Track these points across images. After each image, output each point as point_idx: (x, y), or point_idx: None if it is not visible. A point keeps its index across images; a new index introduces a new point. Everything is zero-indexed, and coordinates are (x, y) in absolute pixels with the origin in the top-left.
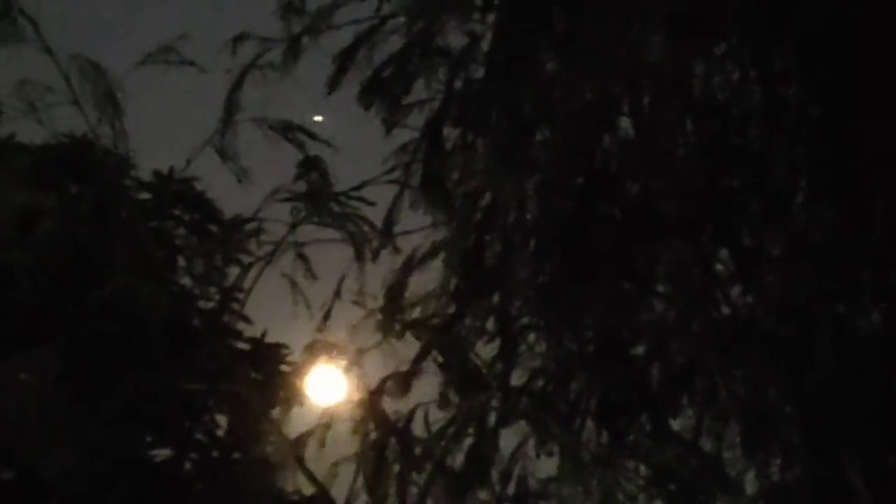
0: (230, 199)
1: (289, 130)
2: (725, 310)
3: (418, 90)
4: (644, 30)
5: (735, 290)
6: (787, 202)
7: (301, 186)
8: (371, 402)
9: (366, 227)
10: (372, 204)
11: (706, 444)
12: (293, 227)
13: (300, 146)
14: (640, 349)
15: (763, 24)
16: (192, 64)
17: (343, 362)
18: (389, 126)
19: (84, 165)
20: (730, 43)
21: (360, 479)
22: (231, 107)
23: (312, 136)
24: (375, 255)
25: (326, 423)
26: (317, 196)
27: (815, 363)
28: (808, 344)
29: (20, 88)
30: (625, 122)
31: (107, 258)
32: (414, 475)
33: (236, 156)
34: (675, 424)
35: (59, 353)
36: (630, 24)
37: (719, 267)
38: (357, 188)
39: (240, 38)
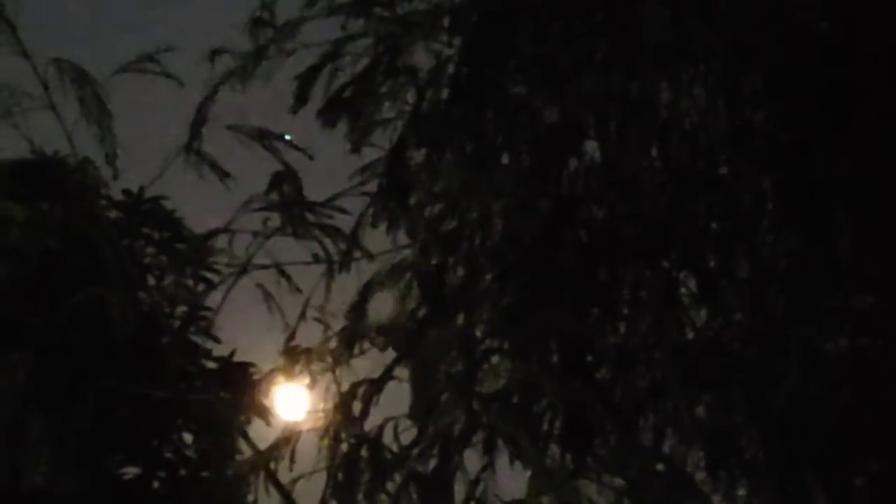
0: (202, 213)
1: (265, 138)
2: (690, 333)
3: (384, 109)
4: (610, 55)
5: (700, 314)
6: (753, 226)
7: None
8: (342, 411)
9: (339, 240)
10: (346, 213)
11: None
12: (266, 238)
13: (276, 154)
14: (604, 372)
15: (730, 49)
16: (170, 76)
17: (307, 380)
18: (354, 145)
19: (53, 182)
20: (696, 68)
21: (329, 492)
22: (201, 117)
23: (290, 143)
24: (343, 268)
25: (295, 435)
26: (291, 206)
27: (780, 386)
28: (773, 367)
29: None
30: (591, 146)
31: (76, 270)
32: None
33: (214, 159)
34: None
35: (26, 363)
36: (595, 49)
37: (684, 291)
38: (330, 200)
39: (217, 52)
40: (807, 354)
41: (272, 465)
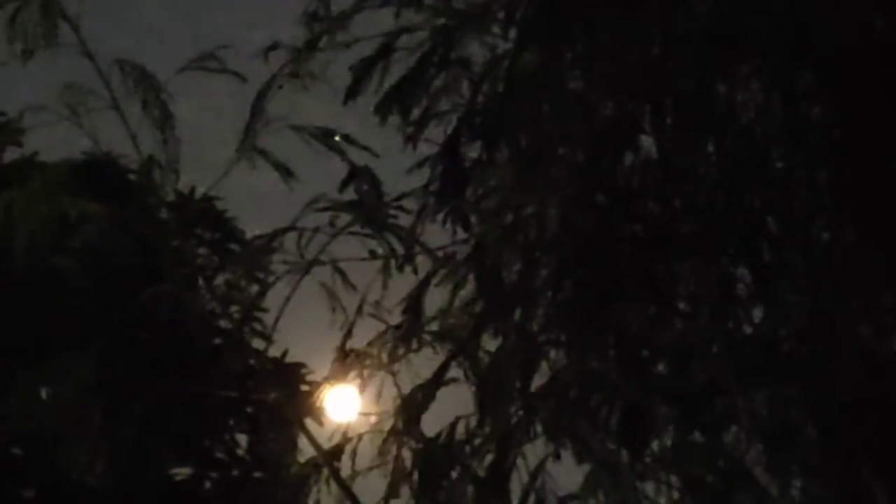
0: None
1: (329, 137)
2: (747, 329)
3: (439, 102)
4: (667, 49)
5: (757, 311)
6: (809, 222)
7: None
8: (405, 413)
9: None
10: (409, 212)
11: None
12: (334, 236)
13: (341, 154)
14: (660, 367)
15: (787, 44)
16: (234, 73)
17: (358, 380)
18: (408, 139)
19: (108, 182)
20: (753, 62)
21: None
22: (256, 113)
23: (354, 142)
24: (401, 268)
25: (357, 436)
26: (361, 206)
27: (837, 385)
28: (829, 365)
29: (65, 93)
30: (647, 141)
31: (138, 269)
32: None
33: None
34: None
35: (95, 359)
36: (652, 43)
37: (741, 287)
38: (398, 199)
39: (272, 48)
40: (863, 351)
41: (335, 465)
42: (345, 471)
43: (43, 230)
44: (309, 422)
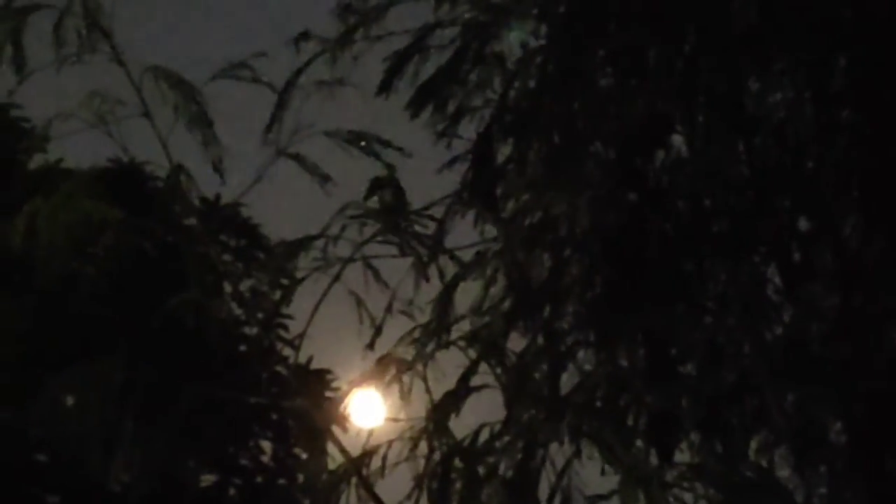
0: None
1: (363, 141)
2: (777, 329)
3: (471, 98)
4: (699, 46)
5: (787, 312)
6: (840, 222)
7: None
8: (435, 419)
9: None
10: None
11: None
12: (361, 244)
13: (377, 157)
14: (690, 367)
15: (819, 42)
16: (266, 84)
17: (385, 384)
18: (440, 135)
19: (131, 190)
20: (784, 61)
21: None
22: (281, 105)
23: (388, 145)
24: (426, 277)
25: (389, 442)
26: (390, 213)
27: (867, 386)
28: (859, 366)
29: (90, 100)
30: (678, 139)
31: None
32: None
33: (313, 163)
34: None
35: (120, 366)
36: (684, 41)
37: (770, 287)
38: (427, 207)
39: (302, 37)
40: (894, 352)
41: (364, 473)
42: (372, 477)
43: (65, 237)
44: (334, 428)
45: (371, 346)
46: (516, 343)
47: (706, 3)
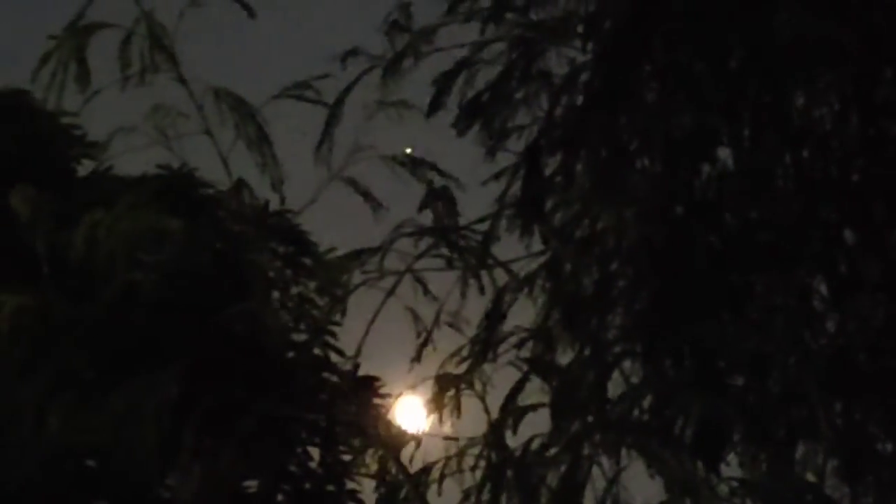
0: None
1: (417, 166)
2: (823, 340)
3: (518, 115)
4: (745, 61)
5: (832, 323)
6: (885, 234)
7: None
8: (496, 436)
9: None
10: (497, 238)
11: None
12: (417, 258)
13: (429, 183)
14: (736, 378)
15: (864, 56)
16: (326, 104)
17: (427, 393)
18: (488, 151)
19: (181, 196)
20: (830, 75)
21: None
22: (331, 123)
23: (441, 172)
24: (476, 275)
25: (447, 458)
26: (443, 230)
27: None
28: None
29: (153, 114)
30: (724, 153)
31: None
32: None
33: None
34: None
35: (176, 377)
36: (730, 56)
37: (816, 298)
38: (480, 221)
39: (351, 54)
40: None
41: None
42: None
43: (125, 247)
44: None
45: (418, 359)
46: (564, 356)
47: (751, 19)
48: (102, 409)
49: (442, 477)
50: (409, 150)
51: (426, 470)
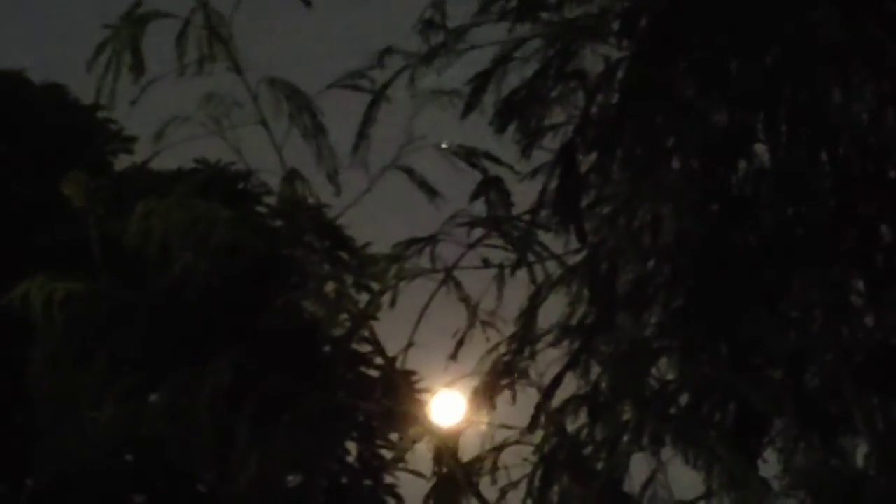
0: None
1: (471, 156)
2: (860, 336)
3: (553, 113)
4: (781, 58)
5: (870, 319)
6: None
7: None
8: (554, 424)
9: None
10: (549, 230)
11: None
12: (470, 247)
13: (484, 172)
14: (774, 374)
15: None
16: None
17: (465, 389)
18: (524, 149)
19: (219, 191)
20: (867, 71)
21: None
22: (368, 121)
23: (496, 160)
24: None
25: (498, 448)
26: (497, 220)
27: None
28: None
29: (206, 103)
30: (760, 149)
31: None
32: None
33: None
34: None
35: (230, 368)
36: (766, 52)
37: (853, 294)
38: (532, 212)
39: (386, 52)
40: None
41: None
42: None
43: (178, 236)
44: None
45: (454, 356)
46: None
47: (788, 15)
48: (156, 397)
49: (494, 467)
50: (444, 145)
51: (479, 460)
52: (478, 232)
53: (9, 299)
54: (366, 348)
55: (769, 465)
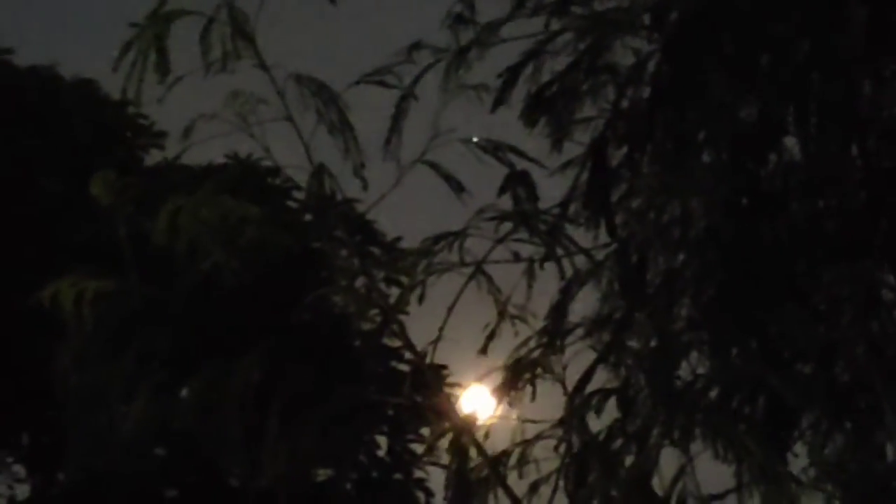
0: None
1: (498, 150)
2: (890, 330)
3: (584, 107)
4: (811, 52)
5: None
6: None
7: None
8: (575, 420)
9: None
10: (577, 223)
11: None
12: (498, 242)
13: (511, 166)
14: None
15: None
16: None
17: (495, 381)
18: (555, 143)
19: (249, 185)
20: None
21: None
22: (399, 115)
23: (522, 154)
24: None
25: (525, 441)
26: (525, 214)
27: None
28: None
29: (232, 100)
30: (790, 143)
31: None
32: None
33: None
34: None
35: (260, 363)
36: (797, 47)
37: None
38: (561, 205)
39: (414, 47)
40: None
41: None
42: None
43: (206, 233)
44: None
45: (484, 350)
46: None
47: (818, 9)
48: (183, 395)
49: (521, 461)
50: (475, 139)
51: (505, 454)
52: (506, 227)
53: (39, 298)
54: (396, 343)
55: (799, 458)
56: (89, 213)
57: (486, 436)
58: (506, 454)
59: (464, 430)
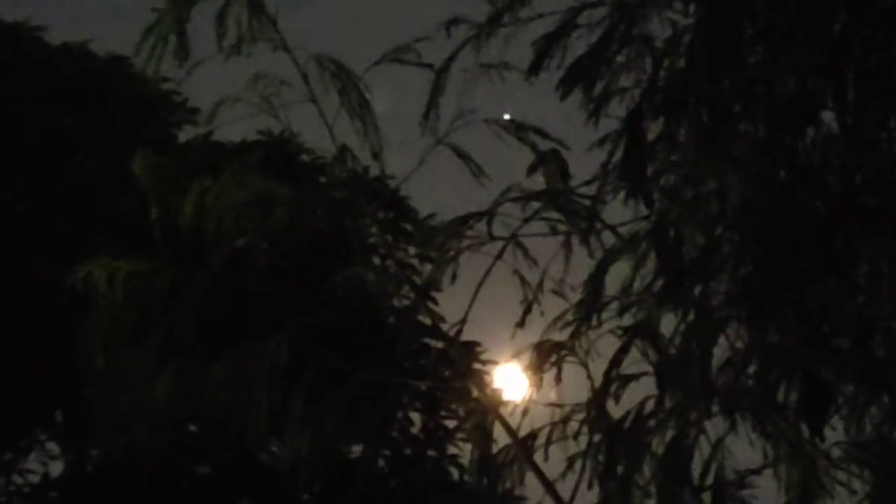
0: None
1: (521, 130)
2: None
3: (619, 79)
4: (849, 24)
5: None
6: None
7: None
8: (597, 406)
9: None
10: (603, 202)
11: None
12: (525, 221)
13: (534, 147)
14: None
15: None
16: (429, 66)
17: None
18: (590, 115)
19: (282, 162)
20: None
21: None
22: (437, 91)
23: (546, 135)
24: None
25: (553, 423)
26: (553, 193)
27: None
28: None
29: (254, 83)
30: (828, 116)
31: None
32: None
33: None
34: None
35: (288, 343)
36: (834, 19)
37: None
38: (586, 184)
39: (453, 22)
40: None
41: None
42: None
43: (233, 214)
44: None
45: (521, 324)
46: (667, 322)
47: None
48: (212, 373)
49: (548, 442)
50: (507, 116)
51: (533, 435)
52: (535, 205)
53: (73, 278)
54: (429, 320)
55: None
56: (124, 189)
57: (525, 414)
58: (533, 436)
59: (488, 409)
